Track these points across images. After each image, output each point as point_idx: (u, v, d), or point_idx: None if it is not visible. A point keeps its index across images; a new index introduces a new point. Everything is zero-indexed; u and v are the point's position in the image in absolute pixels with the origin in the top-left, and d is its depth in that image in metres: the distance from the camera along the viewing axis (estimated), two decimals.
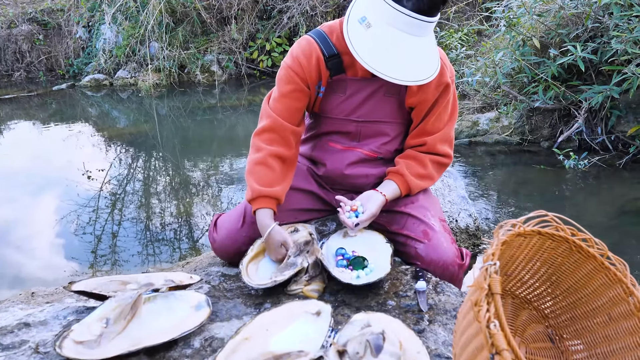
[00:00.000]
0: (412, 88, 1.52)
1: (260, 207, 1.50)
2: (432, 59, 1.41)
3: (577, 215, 2.98)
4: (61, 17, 8.54)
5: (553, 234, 1.05)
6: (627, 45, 3.21)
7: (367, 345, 1.05)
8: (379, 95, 1.56)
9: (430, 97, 1.53)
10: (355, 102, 1.57)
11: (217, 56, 7.95)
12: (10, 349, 1.15)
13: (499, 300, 0.77)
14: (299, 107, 1.56)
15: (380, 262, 1.46)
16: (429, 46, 1.39)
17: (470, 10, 6.76)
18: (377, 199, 1.53)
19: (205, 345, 1.19)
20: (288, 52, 1.58)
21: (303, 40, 1.55)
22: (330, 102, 1.59)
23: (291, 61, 1.53)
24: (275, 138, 1.54)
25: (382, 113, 1.59)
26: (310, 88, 1.55)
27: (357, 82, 1.55)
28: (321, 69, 1.53)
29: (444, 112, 1.57)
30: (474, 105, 4.70)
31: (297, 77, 1.52)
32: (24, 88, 7.84)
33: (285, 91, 1.54)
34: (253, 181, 1.50)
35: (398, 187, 1.56)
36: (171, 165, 4.35)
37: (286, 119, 1.54)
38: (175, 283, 1.37)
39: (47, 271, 2.61)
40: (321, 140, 1.69)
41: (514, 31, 3.98)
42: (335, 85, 1.56)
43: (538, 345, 1.16)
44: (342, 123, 1.61)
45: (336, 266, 1.47)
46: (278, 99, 1.56)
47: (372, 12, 1.34)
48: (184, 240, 2.92)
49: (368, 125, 1.60)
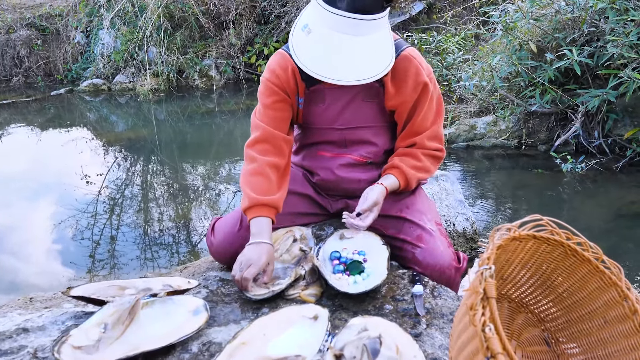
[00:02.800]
0: (389, 91, 1.54)
1: (257, 216, 1.46)
2: (380, 57, 1.41)
3: (574, 219, 2.99)
4: (59, 23, 8.55)
5: (548, 238, 1.06)
6: (623, 49, 3.23)
7: (364, 349, 1.05)
8: (357, 101, 1.57)
9: (409, 99, 1.54)
10: (336, 110, 1.58)
11: (215, 61, 7.97)
12: (8, 354, 1.15)
13: (494, 304, 0.77)
14: (284, 116, 1.59)
15: (377, 266, 1.46)
16: (376, 45, 1.39)
17: (467, 15, 6.79)
18: (376, 189, 1.53)
19: (203, 350, 1.19)
20: (265, 67, 1.61)
21: (277, 54, 1.58)
22: (311, 113, 1.61)
23: (269, 74, 1.57)
24: (269, 148, 1.55)
25: (364, 118, 1.60)
26: (291, 97, 1.58)
27: (334, 91, 1.56)
28: (297, 80, 1.55)
29: (429, 111, 1.58)
30: (471, 109, 4.71)
31: (277, 87, 1.55)
32: (22, 93, 7.84)
33: (268, 103, 1.57)
34: (249, 190, 1.48)
35: (396, 178, 1.56)
36: (169, 169, 4.35)
37: (276, 129, 1.56)
38: (173, 288, 1.37)
39: (45, 276, 2.61)
40: (310, 149, 1.70)
41: (511, 35, 4.00)
42: (314, 95, 1.58)
43: (534, 348, 1.16)
44: (326, 132, 1.63)
45: (333, 272, 1.46)
46: (263, 112, 1.58)
47: (312, 18, 1.38)
48: (182, 245, 2.92)
49: (352, 131, 1.61)
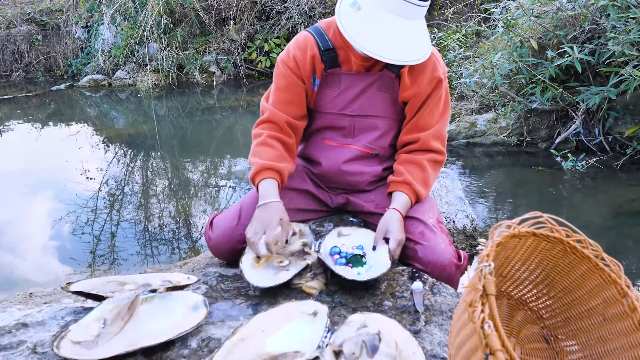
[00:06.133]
0: (405, 82, 1.56)
1: (263, 179, 1.50)
2: (423, 42, 1.44)
3: (574, 216, 2.99)
4: (60, 18, 8.53)
5: (548, 235, 1.06)
6: (624, 46, 3.23)
7: (363, 345, 1.06)
8: (372, 90, 1.59)
9: (423, 92, 1.56)
10: (349, 96, 1.60)
11: (216, 57, 7.95)
12: (8, 349, 1.15)
13: (494, 301, 0.77)
14: (295, 100, 1.61)
15: (378, 258, 1.47)
16: (419, 30, 1.43)
17: (468, 12, 6.78)
18: (395, 219, 1.50)
19: (202, 345, 1.19)
20: (285, 47, 1.64)
21: (300, 36, 1.62)
22: (324, 96, 1.63)
23: (286, 57, 1.60)
24: (274, 127, 1.60)
25: (376, 108, 1.61)
26: (305, 82, 1.60)
27: (351, 77, 1.58)
28: (316, 63, 1.58)
29: (436, 108, 1.59)
30: (472, 106, 4.70)
31: (291, 71, 1.59)
32: (22, 88, 7.83)
33: (281, 85, 1.61)
34: (257, 158, 1.53)
35: (408, 197, 1.57)
36: (169, 165, 4.35)
37: (283, 111, 1.60)
38: (173, 284, 1.37)
39: (45, 272, 2.61)
40: (315, 137, 1.71)
41: (512, 32, 3.99)
42: (330, 79, 1.60)
43: (533, 345, 1.16)
44: (336, 118, 1.64)
45: (335, 264, 1.47)
46: (274, 93, 1.63)
47: None
48: (181, 240, 2.92)
49: (361, 119, 1.62)
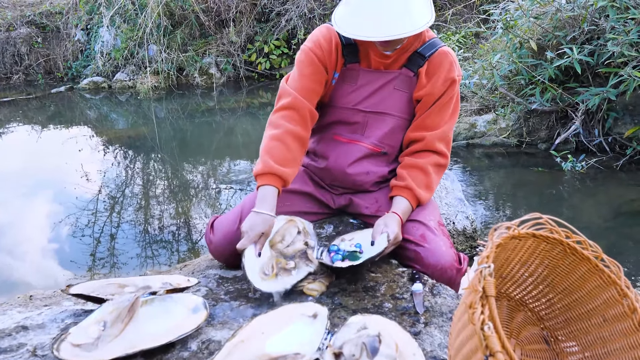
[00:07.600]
0: (421, 81, 1.56)
1: (265, 184, 1.49)
2: (416, 18, 1.40)
3: (574, 217, 2.99)
4: (60, 20, 8.54)
5: (547, 236, 1.06)
6: (623, 47, 3.23)
7: (363, 347, 1.05)
8: (389, 88, 1.60)
9: (437, 91, 1.57)
10: (365, 92, 1.60)
11: (216, 59, 7.96)
12: (8, 352, 1.15)
13: (493, 303, 0.77)
14: (317, 89, 1.59)
15: (375, 249, 1.47)
16: (411, 6, 1.39)
17: (467, 13, 6.78)
18: (394, 219, 1.51)
19: (202, 348, 1.19)
20: (308, 37, 1.62)
21: (323, 27, 1.61)
22: (340, 91, 1.63)
23: (312, 44, 1.58)
24: (294, 116, 1.55)
25: (390, 106, 1.61)
26: (328, 72, 1.59)
27: (369, 74, 1.59)
28: (338, 55, 1.58)
29: (446, 109, 1.59)
30: (472, 107, 4.70)
31: (318, 59, 1.57)
32: (22, 91, 7.83)
33: (307, 72, 1.58)
34: (268, 156, 1.50)
35: (409, 202, 1.57)
36: (169, 167, 4.35)
37: (306, 99, 1.56)
38: (173, 286, 1.37)
39: (45, 274, 2.61)
40: (326, 132, 1.70)
41: (511, 33, 4.00)
42: (348, 74, 1.61)
43: (533, 347, 1.16)
44: (349, 113, 1.63)
45: (332, 262, 1.49)
46: (298, 79, 1.58)
47: None
48: (181, 243, 2.92)
49: (374, 116, 1.62)
